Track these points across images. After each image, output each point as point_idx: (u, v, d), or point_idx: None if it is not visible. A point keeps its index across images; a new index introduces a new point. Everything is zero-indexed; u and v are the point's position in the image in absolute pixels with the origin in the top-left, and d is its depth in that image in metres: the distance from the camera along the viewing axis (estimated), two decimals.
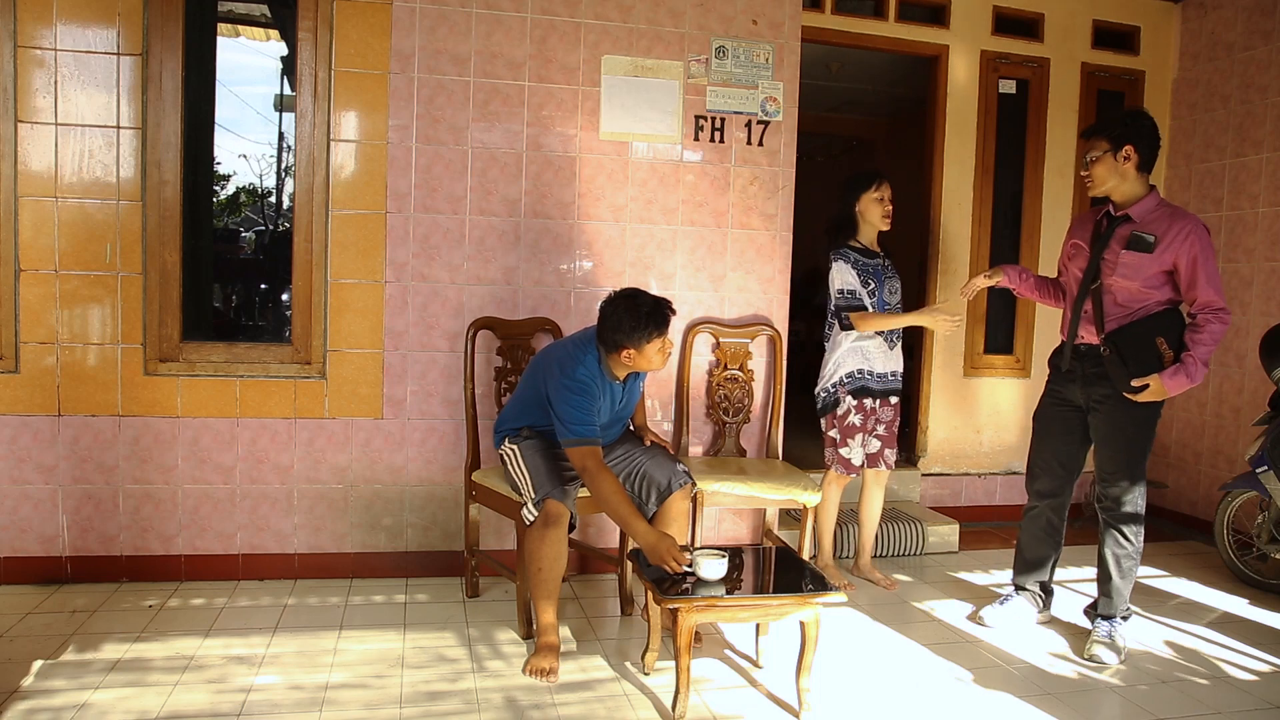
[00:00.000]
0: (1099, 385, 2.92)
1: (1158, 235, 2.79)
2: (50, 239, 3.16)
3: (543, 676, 2.63)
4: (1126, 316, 2.85)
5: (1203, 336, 2.77)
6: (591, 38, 3.50)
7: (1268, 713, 2.63)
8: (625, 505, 2.67)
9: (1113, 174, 2.84)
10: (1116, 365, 2.83)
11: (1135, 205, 2.85)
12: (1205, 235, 2.78)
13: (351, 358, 3.39)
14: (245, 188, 17.01)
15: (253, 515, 3.37)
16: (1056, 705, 2.61)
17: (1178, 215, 2.83)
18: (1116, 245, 2.86)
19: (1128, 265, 2.82)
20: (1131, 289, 2.83)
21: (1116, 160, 2.83)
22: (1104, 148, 2.84)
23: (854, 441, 3.47)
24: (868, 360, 3.45)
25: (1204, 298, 2.78)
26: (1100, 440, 2.98)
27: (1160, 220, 2.82)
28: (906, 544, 4.04)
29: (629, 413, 3.08)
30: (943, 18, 4.48)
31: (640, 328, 2.70)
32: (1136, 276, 2.81)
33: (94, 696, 2.42)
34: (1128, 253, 2.82)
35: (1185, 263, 2.77)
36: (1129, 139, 2.81)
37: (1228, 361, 4.48)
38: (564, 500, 2.73)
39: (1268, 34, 4.31)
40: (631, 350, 2.74)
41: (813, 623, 2.45)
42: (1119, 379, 2.83)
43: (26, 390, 3.18)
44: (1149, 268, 2.80)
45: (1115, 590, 2.99)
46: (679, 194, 3.63)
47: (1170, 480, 4.78)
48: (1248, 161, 4.39)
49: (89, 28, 3.13)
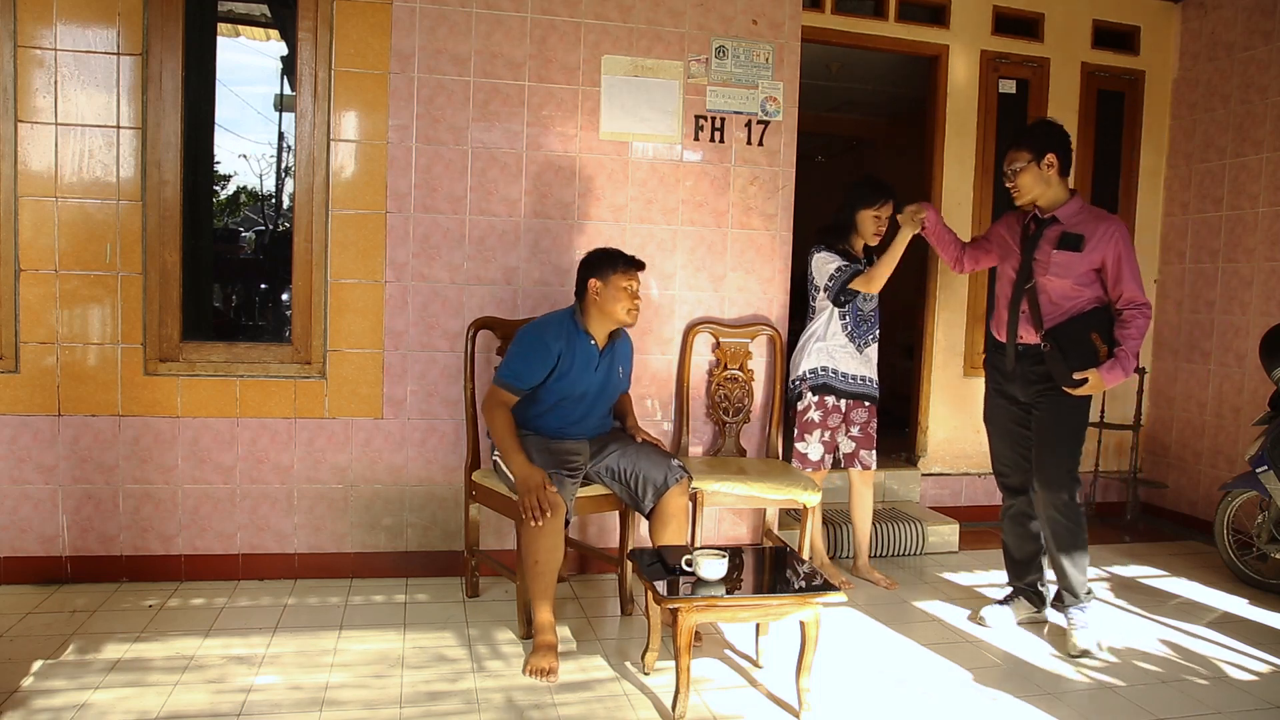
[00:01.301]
0: (1039, 383, 3.03)
1: (1085, 235, 2.93)
2: (50, 239, 3.16)
3: (542, 676, 2.63)
4: (1061, 314, 2.97)
5: (1131, 331, 2.92)
6: (591, 38, 3.50)
7: (1268, 713, 2.63)
8: (509, 439, 2.86)
9: (1038, 182, 2.98)
10: (1057, 360, 2.93)
11: (1061, 208, 2.99)
12: (1128, 235, 2.97)
13: (351, 358, 3.39)
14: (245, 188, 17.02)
15: (253, 515, 3.37)
16: (1056, 705, 2.61)
17: (1101, 216, 2.99)
18: (1047, 246, 2.98)
19: (1059, 264, 2.95)
20: (1064, 287, 2.95)
21: (1040, 169, 2.96)
22: (1026, 158, 2.98)
23: (811, 437, 3.53)
24: (832, 359, 3.53)
25: (1129, 294, 2.93)
26: (1040, 436, 3.05)
27: (1086, 221, 2.97)
28: (906, 544, 4.04)
29: (611, 392, 3.14)
30: (943, 18, 4.48)
31: (607, 260, 2.97)
32: (1068, 275, 2.94)
33: (94, 696, 2.42)
34: (1059, 252, 2.95)
35: (1111, 261, 2.92)
36: (1050, 147, 2.96)
37: (1228, 361, 4.48)
38: (560, 491, 2.74)
39: (1268, 34, 4.31)
40: (597, 281, 2.95)
41: (813, 623, 2.45)
42: (1060, 373, 2.94)
43: (26, 390, 3.18)
44: (1079, 266, 2.93)
45: (1074, 580, 3.05)
46: (679, 194, 3.63)
47: (1170, 480, 4.78)
48: (1248, 161, 4.39)
49: (89, 28, 3.13)
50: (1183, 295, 4.76)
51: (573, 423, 3.05)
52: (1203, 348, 4.63)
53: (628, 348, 3.21)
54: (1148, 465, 4.92)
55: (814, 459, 3.53)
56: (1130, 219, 4.88)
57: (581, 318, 3.02)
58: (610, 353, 3.08)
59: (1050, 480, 3.01)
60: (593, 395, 3.05)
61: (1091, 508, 4.71)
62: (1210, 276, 4.60)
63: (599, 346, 3.04)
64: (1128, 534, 4.51)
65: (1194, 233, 4.70)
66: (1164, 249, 4.89)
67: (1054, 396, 3.00)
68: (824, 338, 3.52)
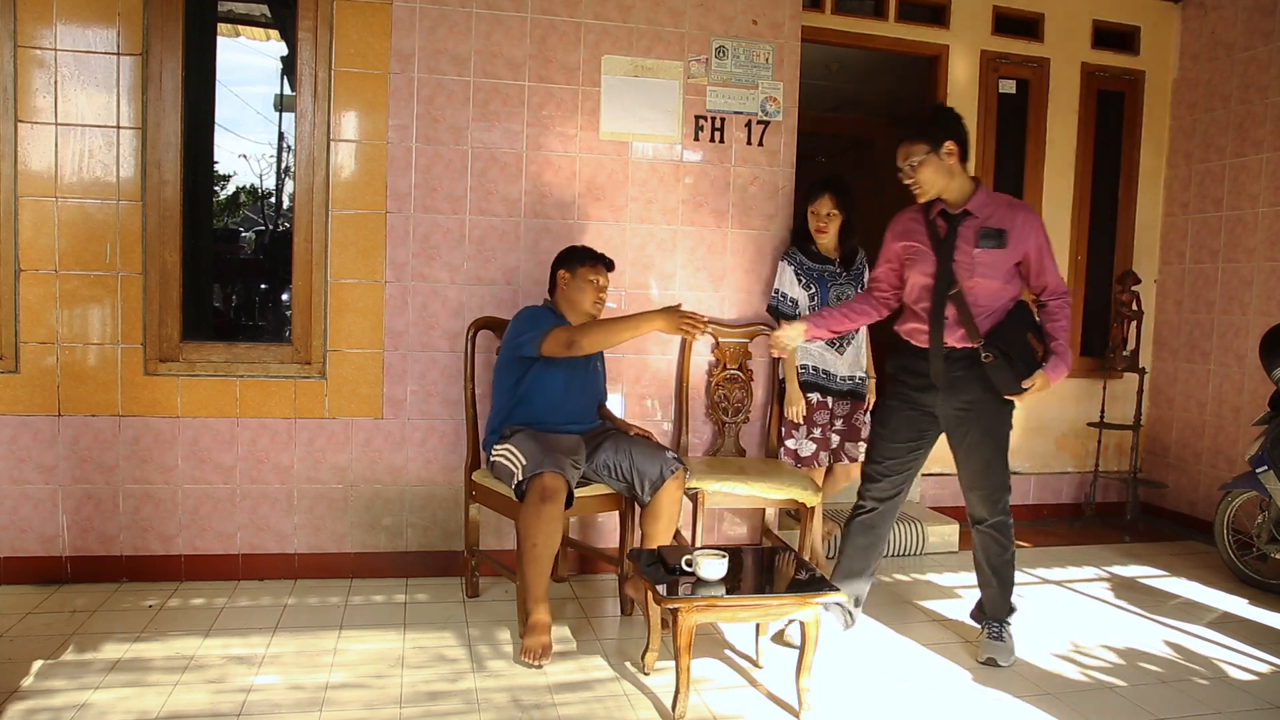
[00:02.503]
0: (965, 391, 2.78)
1: (1005, 228, 2.70)
2: (50, 239, 3.16)
3: (536, 658, 2.67)
4: (991, 317, 2.74)
5: (1062, 323, 2.76)
6: (591, 38, 3.50)
7: (1268, 713, 2.62)
8: (617, 321, 2.92)
9: (940, 174, 2.72)
10: (1002, 369, 2.69)
11: (971, 200, 2.74)
12: (1042, 221, 2.79)
13: (351, 358, 3.39)
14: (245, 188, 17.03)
15: (253, 515, 3.37)
16: (1056, 705, 2.61)
17: (1015, 205, 2.78)
18: (967, 245, 2.73)
19: (985, 264, 2.71)
20: (993, 288, 2.73)
21: (940, 159, 2.70)
22: (924, 149, 2.70)
23: (799, 434, 3.55)
24: (815, 358, 3.56)
25: (1053, 284, 2.77)
26: (970, 448, 2.84)
27: (1000, 212, 2.74)
28: (906, 544, 4.04)
29: (589, 383, 3.21)
30: (943, 18, 4.48)
31: (575, 255, 3.11)
32: (996, 274, 2.72)
33: (94, 696, 2.42)
34: (983, 251, 2.71)
35: (1034, 252, 2.73)
36: (947, 134, 2.70)
37: (1228, 361, 4.48)
38: (562, 472, 2.75)
39: (1268, 34, 4.31)
40: (565, 273, 3.10)
41: (813, 622, 2.45)
42: (1006, 382, 2.71)
43: (26, 390, 3.18)
44: (1004, 263, 2.72)
45: (1003, 594, 2.91)
46: (679, 194, 3.63)
47: (1170, 480, 4.78)
48: (1248, 161, 4.39)
49: (89, 28, 3.13)
50: (1183, 295, 4.76)
51: (559, 415, 3.08)
52: (1203, 348, 4.63)
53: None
54: (1148, 465, 4.92)
55: (804, 455, 3.54)
56: (1130, 219, 4.88)
57: (558, 306, 3.14)
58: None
59: (992, 496, 2.83)
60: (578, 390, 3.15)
61: (1091, 507, 4.71)
62: (1210, 276, 4.60)
63: None
64: (1128, 534, 4.51)
65: (1194, 233, 4.70)
66: (1164, 249, 4.89)
67: (986, 406, 2.78)
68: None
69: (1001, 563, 2.89)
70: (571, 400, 3.12)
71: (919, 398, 2.88)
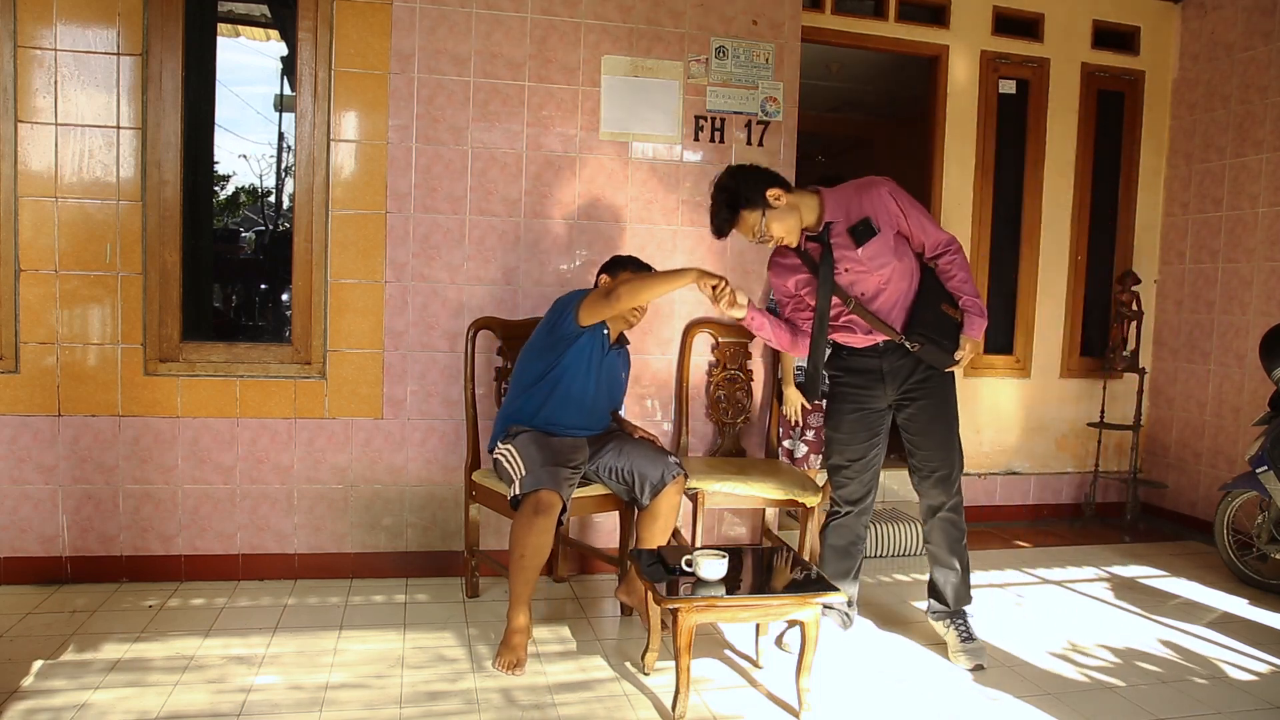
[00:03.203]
0: (910, 374, 2.82)
1: (868, 214, 2.69)
2: (50, 239, 3.16)
3: (510, 669, 2.65)
4: (902, 302, 2.77)
5: (960, 275, 2.75)
6: (591, 38, 3.50)
7: (1268, 713, 2.62)
8: (656, 275, 2.85)
9: (788, 215, 2.69)
10: (933, 352, 2.75)
11: (825, 210, 2.73)
12: (893, 183, 2.75)
13: (351, 358, 3.39)
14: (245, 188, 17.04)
15: (253, 515, 3.37)
16: (1056, 705, 2.61)
17: (859, 186, 2.75)
18: (850, 251, 2.70)
19: (874, 257, 2.69)
20: (894, 274, 2.72)
21: (776, 208, 2.67)
22: (757, 215, 2.66)
23: (795, 434, 3.56)
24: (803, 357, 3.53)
25: (933, 237, 2.75)
26: (921, 430, 2.86)
27: (852, 204, 2.72)
28: (906, 544, 4.04)
29: (614, 390, 3.18)
30: (943, 18, 4.48)
31: (620, 262, 3.08)
32: (889, 261, 2.70)
33: (94, 696, 2.42)
34: (865, 246, 2.68)
35: (902, 217, 2.72)
36: (761, 187, 2.66)
37: (1228, 361, 4.48)
38: (557, 489, 2.74)
39: (1268, 34, 4.31)
40: (606, 276, 3.07)
41: (812, 623, 2.45)
42: (939, 359, 2.77)
43: (26, 390, 3.18)
44: (888, 245, 2.70)
45: (965, 577, 2.92)
46: (679, 194, 3.63)
47: (1170, 480, 4.78)
48: (1248, 161, 4.39)
49: (89, 28, 3.13)
50: (1183, 295, 4.76)
51: (573, 417, 3.05)
52: (1203, 348, 4.63)
53: (628, 358, 3.25)
54: (1148, 465, 4.92)
55: (798, 456, 3.54)
56: (1130, 219, 4.88)
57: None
58: (618, 350, 3.14)
59: (951, 475, 2.84)
60: (597, 391, 3.07)
61: (1091, 508, 4.71)
62: (1210, 276, 4.60)
63: (610, 338, 3.07)
64: (1128, 534, 4.51)
65: (1194, 233, 4.71)
66: (1164, 249, 4.89)
67: (931, 385, 2.82)
68: None
69: (961, 545, 2.91)
70: (589, 406, 3.07)
71: (864, 395, 2.90)
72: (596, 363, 3.02)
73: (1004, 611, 3.37)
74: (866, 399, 2.91)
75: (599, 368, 3.04)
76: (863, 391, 2.90)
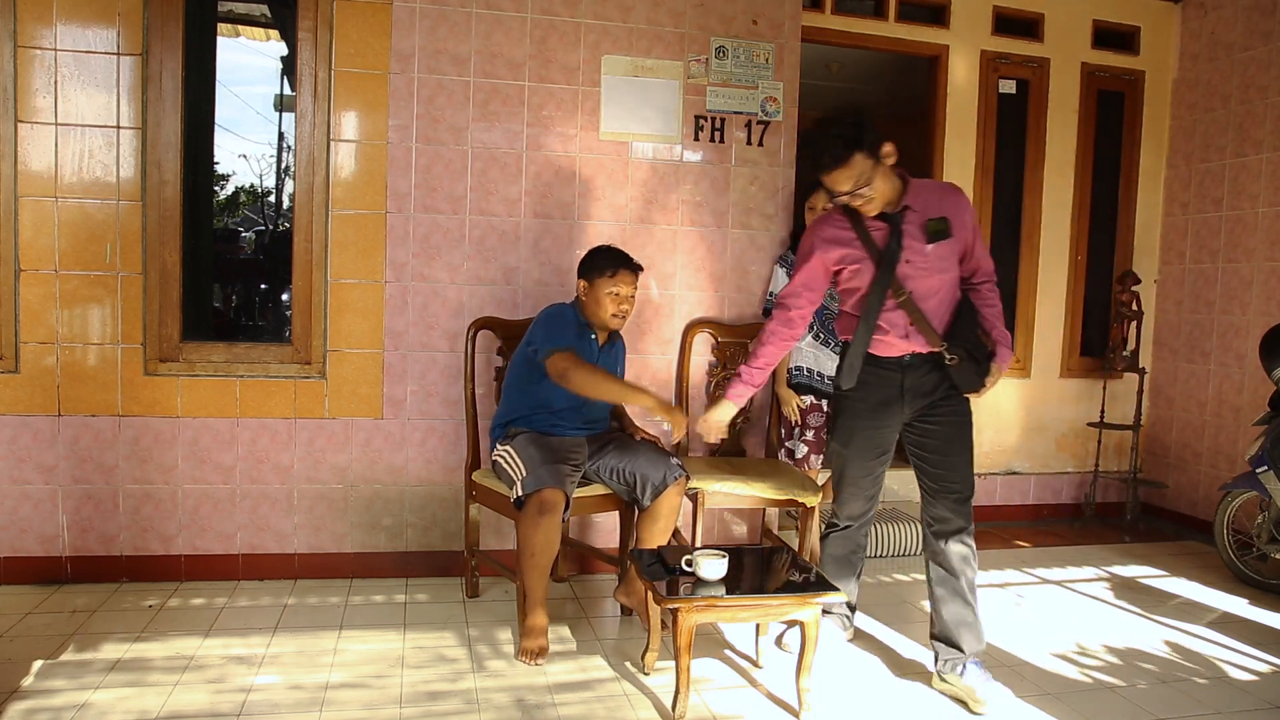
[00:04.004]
0: (931, 393, 2.63)
1: (946, 215, 2.51)
2: (50, 239, 3.16)
3: (532, 659, 2.71)
4: (945, 314, 2.58)
5: (999, 306, 2.65)
6: (591, 38, 3.50)
7: (1268, 713, 2.62)
8: (614, 382, 2.93)
9: (888, 180, 2.49)
10: (968, 370, 2.55)
11: (907, 194, 2.52)
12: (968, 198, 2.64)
13: (351, 358, 3.39)
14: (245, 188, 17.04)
15: (253, 515, 3.37)
16: (1056, 705, 2.60)
17: (943, 188, 2.60)
18: (917, 244, 2.51)
19: (940, 258, 2.52)
20: (944, 283, 2.56)
21: (882, 164, 2.46)
22: (869, 163, 2.42)
23: (795, 434, 3.55)
24: (809, 359, 3.54)
25: (987, 264, 2.63)
26: (940, 449, 2.65)
27: (934, 199, 2.54)
28: (906, 544, 4.04)
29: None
30: (943, 18, 4.48)
31: (595, 265, 3.00)
32: (949, 267, 2.54)
33: (94, 696, 2.42)
34: (937, 245, 2.50)
35: (970, 234, 2.57)
36: (879, 137, 2.44)
37: (1228, 361, 4.48)
38: (560, 486, 2.75)
39: (1268, 34, 4.31)
40: (584, 283, 3.03)
41: (813, 622, 2.45)
42: (969, 381, 2.58)
43: (26, 390, 3.18)
44: (953, 253, 2.55)
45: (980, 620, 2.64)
46: (679, 194, 3.63)
47: (1170, 480, 4.78)
48: (1248, 161, 4.39)
49: (89, 28, 3.13)
50: (1183, 295, 4.76)
51: (571, 419, 3.06)
52: (1203, 348, 4.63)
53: (621, 348, 3.25)
54: (1148, 465, 4.92)
55: (798, 456, 3.53)
56: (1130, 219, 4.88)
57: (582, 312, 3.08)
58: (610, 350, 3.14)
59: (967, 496, 2.65)
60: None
61: (1091, 507, 4.71)
62: (1210, 276, 4.60)
63: (598, 342, 3.09)
64: (1128, 534, 4.51)
65: (1194, 233, 4.70)
66: (1164, 249, 4.89)
67: (954, 403, 2.64)
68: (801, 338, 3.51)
69: (975, 578, 2.66)
70: (587, 407, 3.08)
71: (880, 412, 2.70)
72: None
73: (1004, 611, 3.37)
74: (880, 416, 2.70)
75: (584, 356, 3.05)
76: (880, 408, 2.69)
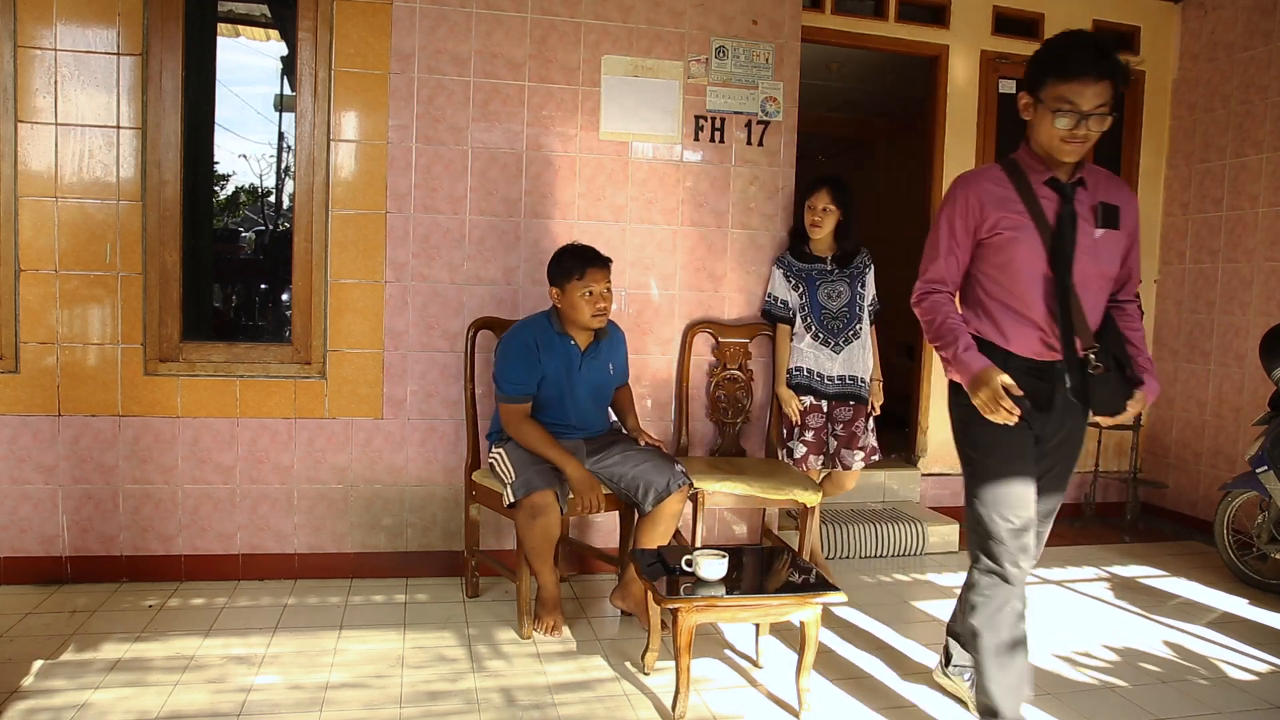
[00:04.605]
0: (1070, 412, 2.21)
1: (1119, 205, 2.17)
2: (50, 239, 3.16)
3: (548, 630, 2.91)
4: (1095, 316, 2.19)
5: (1142, 333, 2.27)
6: (591, 38, 3.50)
7: (1268, 713, 2.62)
8: (550, 446, 2.91)
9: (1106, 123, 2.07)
10: (1109, 384, 2.12)
11: (1086, 170, 2.17)
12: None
13: (351, 358, 3.39)
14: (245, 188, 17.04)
15: (253, 515, 3.37)
16: (1056, 705, 2.60)
17: (1115, 179, 2.25)
18: (1086, 225, 2.14)
19: (1105, 247, 2.15)
20: (1105, 280, 2.19)
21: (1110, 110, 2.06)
22: (1112, 98, 2.04)
23: (795, 433, 3.55)
24: (808, 359, 3.53)
25: (1137, 278, 2.28)
26: (1057, 476, 2.29)
27: (1105, 185, 2.19)
28: (906, 544, 4.04)
29: (604, 390, 3.16)
30: (943, 18, 4.48)
31: (562, 269, 2.95)
32: (1113, 262, 2.19)
33: (94, 696, 2.42)
34: (1105, 232, 2.14)
35: (1135, 235, 2.22)
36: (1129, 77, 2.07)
37: (1228, 361, 4.48)
38: (548, 486, 2.80)
39: (1268, 34, 4.31)
40: (556, 290, 2.98)
41: (813, 623, 2.45)
42: (1107, 397, 2.13)
43: (26, 390, 3.18)
44: (1119, 248, 2.19)
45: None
46: (679, 194, 3.63)
47: (1170, 480, 4.78)
48: (1248, 161, 4.39)
49: (89, 28, 3.13)
50: (1183, 295, 4.76)
51: (568, 424, 3.06)
52: (1203, 348, 4.63)
53: (618, 340, 3.20)
54: (1148, 465, 4.92)
55: (796, 456, 3.53)
56: None
57: (558, 320, 3.03)
58: (596, 351, 3.08)
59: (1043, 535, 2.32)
60: (585, 397, 3.07)
61: (1091, 507, 4.71)
62: (1210, 276, 4.60)
63: (580, 347, 3.04)
64: (1128, 534, 4.51)
65: (1194, 233, 4.71)
66: (1164, 249, 4.89)
67: (1077, 430, 2.27)
68: (800, 338, 3.54)
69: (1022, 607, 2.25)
70: (586, 416, 3.09)
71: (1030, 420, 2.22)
72: (574, 373, 3.03)
73: None
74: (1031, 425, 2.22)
75: (576, 377, 3.04)
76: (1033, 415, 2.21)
